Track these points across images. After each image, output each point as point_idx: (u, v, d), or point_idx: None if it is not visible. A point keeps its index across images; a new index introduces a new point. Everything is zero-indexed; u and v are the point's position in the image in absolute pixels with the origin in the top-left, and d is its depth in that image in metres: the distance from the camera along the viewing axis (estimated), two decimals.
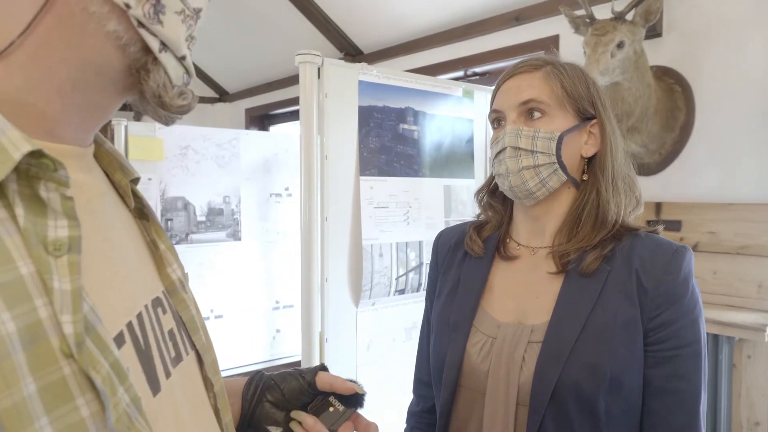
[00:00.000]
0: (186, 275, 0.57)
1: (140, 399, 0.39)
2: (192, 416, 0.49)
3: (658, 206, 1.97)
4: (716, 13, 1.89)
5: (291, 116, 4.28)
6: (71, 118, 0.42)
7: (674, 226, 1.91)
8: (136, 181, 0.54)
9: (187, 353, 0.52)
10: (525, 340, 0.86)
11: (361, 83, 1.65)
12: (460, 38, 2.77)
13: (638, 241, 0.87)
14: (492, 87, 0.97)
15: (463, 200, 1.93)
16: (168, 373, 0.47)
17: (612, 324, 0.82)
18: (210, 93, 4.80)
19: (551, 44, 2.33)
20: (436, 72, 2.83)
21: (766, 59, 1.79)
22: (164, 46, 0.43)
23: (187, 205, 2.42)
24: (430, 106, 1.83)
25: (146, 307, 0.47)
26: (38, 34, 0.39)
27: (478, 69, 2.75)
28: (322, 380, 0.73)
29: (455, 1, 2.64)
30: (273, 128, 4.59)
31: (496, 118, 0.94)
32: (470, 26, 2.71)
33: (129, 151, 2.26)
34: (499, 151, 0.91)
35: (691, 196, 1.95)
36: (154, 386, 0.44)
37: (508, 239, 0.98)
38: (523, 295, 0.91)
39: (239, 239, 2.57)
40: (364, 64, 1.67)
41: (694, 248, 0.88)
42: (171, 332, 0.50)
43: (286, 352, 2.69)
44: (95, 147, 0.49)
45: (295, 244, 1.65)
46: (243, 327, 2.56)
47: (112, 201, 0.50)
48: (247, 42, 3.86)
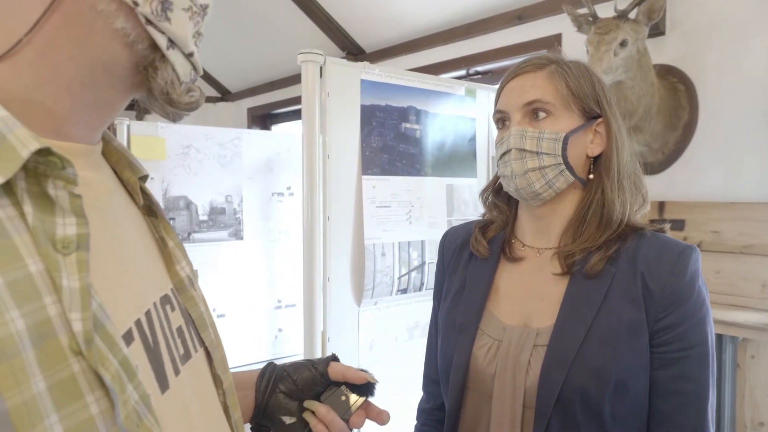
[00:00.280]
0: (195, 272, 0.57)
1: (149, 396, 0.39)
2: (201, 413, 0.49)
3: (661, 205, 1.96)
4: (719, 11, 1.88)
5: (293, 115, 4.27)
6: (79, 116, 0.42)
7: (677, 225, 1.90)
8: (145, 178, 0.54)
9: (195, 350, 0.52)
10: (530, 343, 0.85)
11: (363, 82, 1.65)
12: (463, 37, 2.76)
13: (644, 241, 0.86)
14: (494, 86, 0.97)
15: (465, 199, 1.93)
16: (177, 371, 0.47)
17: (617, 328, 0.81)
18: (212, 92, 4.80)
19: (555, 42, 2.32)
20: (439, 71, 2.82)
21: None
22: (172, 43, 0.43)
23: (189, 205, 2.42)
24: (433, 105, 1.83)
25: (155, 305, 0.47)
26: (46, 33, 0.39)
27: (480, 68, 2.74)
28: (334, 370, 0.74)
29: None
30: (275, 127, 4.59)
31: (501, 119, 0.93)
32: (472, 25, 2.70)
33: (131, 151, 2.24)
34: (504, 153, 0.90)
35: (695, 195, 1.94)
36: (163, 384, 0.44)
37: (513, 239, 0.97)
38: (529, 298, 0.90)
39: (241, 238, 2.57)
40: (366, 63, 1.67)
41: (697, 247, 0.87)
42: (180, 329, 0.50)
43: (288, 351, 2.69)
44: (103, 144, 0.49)
45: (297, 243, 1.65)
46: (245, 326, 2.56)
47: (120, 198, 0.50)
48: (249, 41, 3.85)
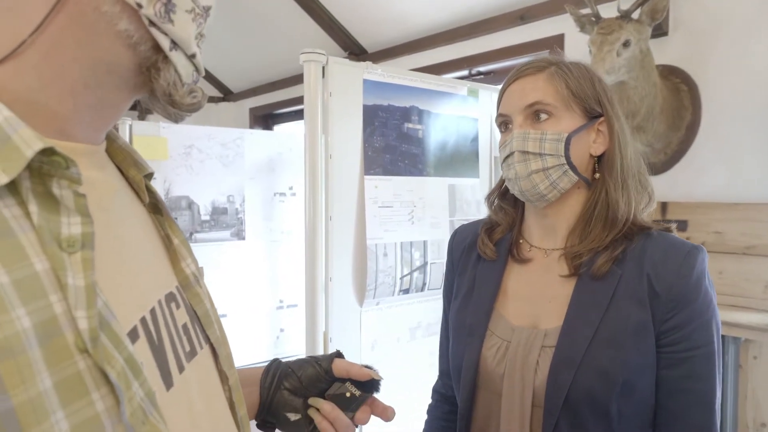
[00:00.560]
0: (201, 270, 0.58)
1: (155, 393, 0.40)
2: (206, 410, 0.49)
3: (663, 206, 1.96)
4: (723, 11, 1.88)
5: (295, 115, 4.28)
6: (83, 117, 0.42)
7: (680, 225, 1.89)
8: (150, 176, 0.54)
9: (201, 347, 0.52)
10: (539, 344, 0.86)
11: (365, 82, 1.65)
12: (465, 37, 2.76)
13: (650, 242, 0.86)
14: (497, 86, 0.97)
15: (467, 200, 1.92)
16: (181, 368, 0.47)
17: (623, 329, 0.81)
18: (214, 92, 4.80)
19: (555, 44, 2.32)
20: (441, 71, 2.82)
21: None
22: (174, 45, 0.43)
23: (191, 205, 2.42)
24: (435, 105, 1.83)
25: (159, 303, 0.47)
26: (50, 34, 0.39)
27: (482, 68, 2.74)
28: (338, 367, 0.75)
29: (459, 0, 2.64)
30: (277, 127, 4.59)
31: (503, 122, 0.94)
32: (475, 25, 2.70)
33: None
34: (508, 156, 0.90)
35: (697, 195, 1.93)
36: (168, 381, 0.44)
37: (521, 240, 0.98)
38: (537, 299, 0.91)
39: (243, 238, 2.57)
40: (368, 63, 1.66)
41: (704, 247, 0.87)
42: (185, 327, 0.50)
43: (290, 351, 2.69)
44: (108, 143, 0.50)
45: (300, 243, 1.65)
46: (247, 326, 2.56)
47: (125, 197, 0.50)
48: (252, 41, 3.86)
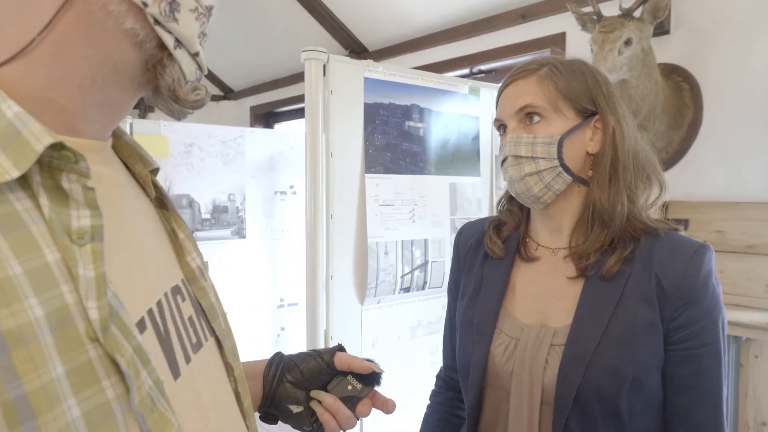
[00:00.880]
0: (206, 264, 0.59)
1: (162, 382, 0.41)
2: (213, 400, 0.50)
3: (664, 205, 1.95)
4: (724, 10, 1.88)
5: (296, 114, 4.28)
6: (90, 114, 0.44)
7: (681, 225, 1.89)
8: (156, 171, 0.56)
9: (206, 339, 0.53)
10: (548, 342, 0.86)
11: (366, 80, 1.64)
12: (466, 35, 2.76)
13: (657, 242, 0.87)
14: (498, 84, 0.97)
15: (468, 198, 1.92)
16: (188, 359, 0.48)
17: (632, 327, 0.82)
18: (215, 91, 4.80)
19: (557, 42, 2.32)
20: (442, 69, 2.82)
21: None
22: (179, 43, 0.45)
23: (191, 203, 2.42)
24: (436, 104, 1.83)
25: (166, 295, 0.48)
26: (58, 32, 0.40)
27: (484, 66, 2.74)
28: (340, 360, 0.75)
29: None
30: (278, 126, 4.59)
31: (500, 126, 0.95)
32: (476, 23, 2.69)
33: None
34: (503, 160, 0.92)
35: (699, 194, 1.93)
36: (175, 371, 0.45)
37: (527, 239, 0.98)
38: (545, 297, 0.91)
39: (244, 237, 2.57)
40: (369, 61, 1.66)
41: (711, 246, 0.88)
42: (190, 319, 0.52)
43: (291, 350, 2.66)
44: (114, 139, 0.51)
45: (300, 241, 1.65)
46: (247, 325, 2.55)
47: (132, 192, 0.51)
48: (252, 40, 3.85)
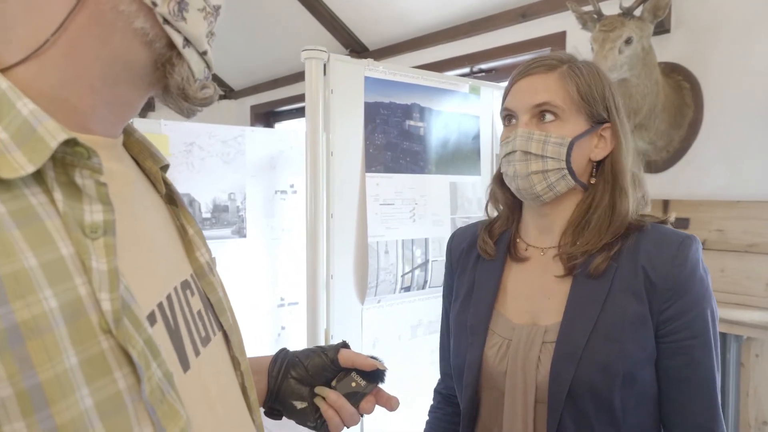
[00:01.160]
0: (213, 259, 0.60)
1: (172, 374, 0.42)
2: (220, 393, 0.51)
3: (665, 204, 1.96)
4: (725, 9, 1.87)
5: (296, 113, 4.27)
6: (101, 112, 0.44)
7: (682, 223, 1.89)
8: (166, 168, 0.57)
9: (214, 333, 0.54)
10: (539, 340, 0.87)
11: (367, 79, 1.64)
12: (467, 35, 2.75)
13: (644, 236, 0.87)
14: (498, 83, 0.97)
15: (469, 197, 1.92)
16: (197, 352, 0.49)
17: (621, 322, 0.82)
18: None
19: (557, 41, 2.31)
20: (442, 69, 2.81)
21: None
22: (187, 42, 0.46)
23: (192, 202, 2.42)
24: (437, 103, 1.83)
25: (175, 289, 0.49)
26: (71, 33, 0.41)
27: (484, 66, 2.74)
28: (344, 357, 0.76)
29: None
30: (278, 125, 4.59)
31: (508, 116, 0.93)
32: (476, 23, 2.69)
33: None
34: (509, 153, 0.90)
35: (699, 193, 1.93)
36: (184, 364, 0.46)
37: (518, 239, 0.99)
38: (536, 296, 0.91)
39: (244, 236, 2.57)
40: (370, 60, 1.66)
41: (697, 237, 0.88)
42: (199, 313, 0.52)
43: (292, 349, 2.69)
44: (125, 136, 0.52)
45: (301, 241, 1.65)
46: (248, 324, 2.54)
47: (142, 188, 0.52)
48: (253, 39, 3.85)
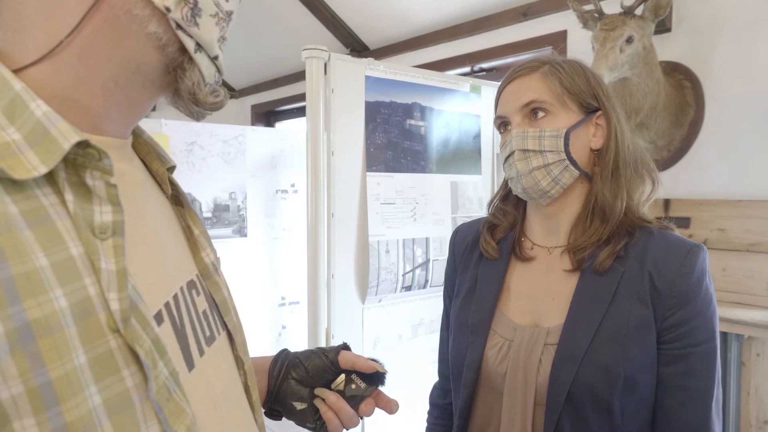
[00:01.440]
0: (218, 260, 0.60)
1: (178, 373, 0.42)
2: (224, 392, 0.52)
3: (666, 203, 1.95)
4: (726, 8, 1.87)
5: (296, 113, 4.27)
6: (112, 114, 0.45)
7: (683, 222, 1.89)
8: (172, 169, 0.57)
9: (219, 333, 0.55)
10: (541, 342, 0.86)
11: (367, 78, 1.64)
12: (467, 34, 2.75)
13: (652, 241, 0.86)
14: (499, 83, 0.97)
15: (469, 196, 1.92)
16: (202, 351, 0.50)
17: (625, 326, 0.82)
18: None
19: (558, 40, 2.31)
20: (443, 68, 2.81)
21: None
22: (199, 47, 0.46)
23: (193, 201, 2.42)
24: (438, 102, 1.82)
25: (182, 289, 0.50)
26: (84, 35, 0.42)
27: (485, 65, 2.74)
28: (344, 359, 0.76)
29: None
30: (279, 124, 4.59)
31: (502, 123, 0.95)
32: (477, 22, 2.69)
33: None
34: (508, 155, 0.91)
35: (700, 192, 1.93)
36: (189, 363, 0.47)
37: (523, 239, 0.98)
38: (539, 297, 0.91)
39: (245, 236, 2.57)
40: (371, 59, 1.66)
41: (705, 246, 0.87)
42: (204, 313, 0.53)
43: (292, 349, 2.68)
44: (133, 138, 0.52)
45: (302, 240, 1.65)
46: (249, 323, 2.53)
47: (150, 188, 0.53)
48: (254, 38, 3.85)
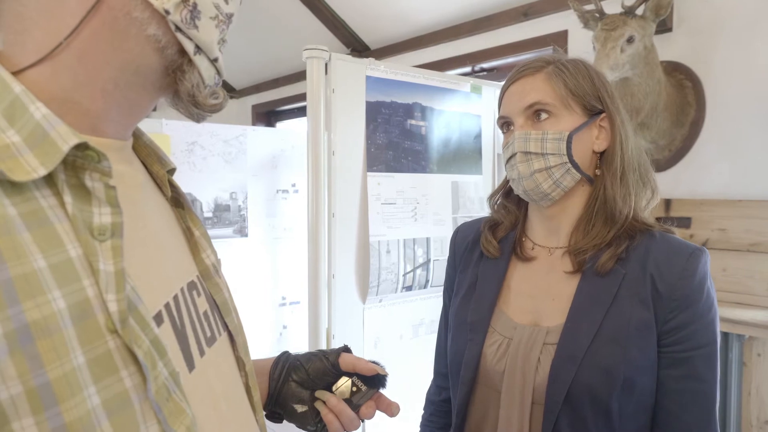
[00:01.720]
0: (219, 261, 0.60)
1: (178, 374, 0.42)
2: (224, 393, 0.52)
3: (667, 203, 1.95)
4: (727, 8, 1.87)
5: (297, 113, 4.27)
6: (112, 116, 0.45)
7: (684, 223, 1.89)
8: (172, 171, 0.57)
9: (220, 334, 0.55)
10: (540, 342, 0.86)
11: (368, 78, 1.64)
12: (468, 34, 2.75)
13: (653, 244, 0.86)
14: (500, 83, 0.97)
15: (470, 196, 1.92)
16: (202, 352, 0.50)
17: (626, 328, 0.82)
18: None
19: (559, 40, 2.31)
20: (444, 68, 2.81)
21: None
22: (198, 49, 0.46)
23: (193, 201, 2.42)
24: (438, 102, 1.82)
25: (182, 290, 0.50)
26: (84, 37, 0.42)
27: (485, 65, 2.73)
28: (345, 361, 0.76)
29: None
30: (280, 124, 4.59)
31: (505, 123, 0.94)
32: (478, 22, 2.69)
33: None
34: (510, 157, 0.91)
35: (701, 192, 1.93)
36: (190, 363, 0.47)
37: (524, 238, 0.98)
38: (540, 297, 0.91)
39: (246, 235, 2.57)
40: (371, 59, 1.66)
41: (703, 245, 0.87)
42: (205, 314, 0.53)
43: (293, 349, 2.68)
44: (134, 139, 0.53)
45: (302, 240, 1.65)
46: (249, 323, 2.53)
47: (150, 190, 0.53)
48: (254, 38, 3.85)
